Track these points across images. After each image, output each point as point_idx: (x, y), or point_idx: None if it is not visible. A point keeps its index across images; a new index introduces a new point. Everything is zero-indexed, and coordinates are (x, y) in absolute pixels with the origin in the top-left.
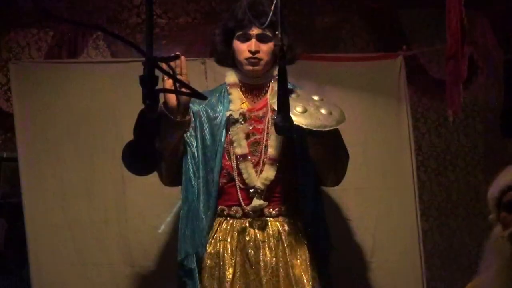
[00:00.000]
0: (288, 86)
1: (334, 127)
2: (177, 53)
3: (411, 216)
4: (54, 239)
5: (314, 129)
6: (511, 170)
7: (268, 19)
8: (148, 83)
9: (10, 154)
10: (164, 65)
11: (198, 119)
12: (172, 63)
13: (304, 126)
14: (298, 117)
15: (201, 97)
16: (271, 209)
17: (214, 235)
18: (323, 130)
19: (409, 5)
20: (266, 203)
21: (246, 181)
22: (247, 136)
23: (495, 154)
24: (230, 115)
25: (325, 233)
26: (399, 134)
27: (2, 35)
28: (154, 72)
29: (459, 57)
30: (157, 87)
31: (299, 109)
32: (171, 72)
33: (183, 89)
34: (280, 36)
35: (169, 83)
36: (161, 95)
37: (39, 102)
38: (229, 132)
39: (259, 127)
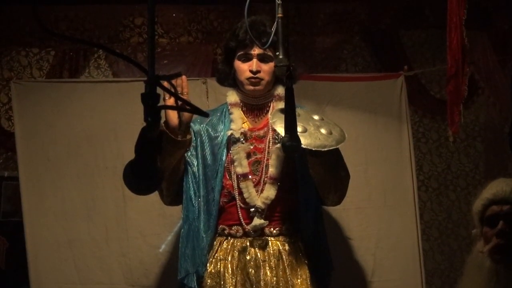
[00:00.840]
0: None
1: (334, 147)
2: (179, 71)
3: (412, 236)
4: (54, 257)
5: (313, 149)
6: (495, 184)
7: (270, 40)
8: (150, 101)
9: (11, 173)
10: (165, 84)
11: (199, 138)
12: (173, 82)
13: (304, 146)
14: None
15: (203, 113)
16: (272, 229)
17: (214, 255)
18: (323, 150)
19: (410, 26)
20: (266, 222)
21: (247, 200)
22: (248, 156)
23: (496, 174)
24: (231, 134)
25: (325, 253)
26: (400, 154)
27: (3, 54)
28: (156, 89)
29: (459, 77)
30: (159, 105)
31: (299, 128)
32: (172, 90)
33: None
34: (287, 55)
35: (170, 101)
36: (163, 115)
37: (41, 121)
38: (230, 152)
39: (260, 146)
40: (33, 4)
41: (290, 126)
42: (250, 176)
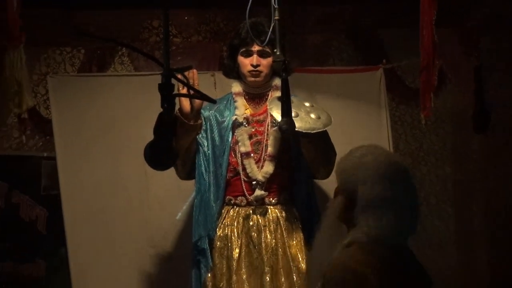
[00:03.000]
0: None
1: (322, 130)
2: (190, 65)
3: None
4: (87, 224)
5: (304, 131)
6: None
7: (267, 38)
8: (166, 90)
9: (50, 154)
10: (179, 76)
11: (208, 123)
12: (186, 74)
13: (296, 129)
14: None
15: (211, 100)
16: (271, 198)
17: (223, 221)
18: (312, 132)
19: (388, 25)
20: (266, 193)
21: (249, 174)
22: (250, 137)
23: (461, 151)
24: (236, 119)
25: (316, 219)
26: (380, 135)
27: (41, 53)
28: (171, 81)
29: (430, 69)
30: (174, 93)
31: (292, 114)
32: (185, 81)
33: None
34: (283, 52)
35: (183, 91)
36: (177, 103)
37: (73, 110)
38: (235, 134)
39: (260, 129)
40: (68, 10)
41: (286, 111)
42: (252, 154)
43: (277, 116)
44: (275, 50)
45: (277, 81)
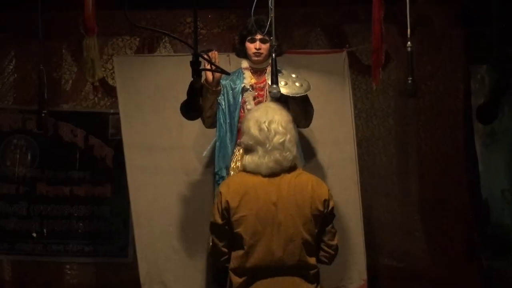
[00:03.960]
0: (277, 68)
1: (304, 94)
2: (212, 49)
3: (349, 141)
4: (141, 159)
5: (290, 95)
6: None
7: (266, 29)
8: (195, 65)
9: (115, 111)
10: (205, 56)
11: (225, 89)
12: (209, 54)
13: (285, 93)
14: (282, 88)
15: (226, 73)
16: None
17: (235, 157)
18: (296, 95)
19: (350, 21)
20: None
21: None
22: (254, 98)
23: (400, 110)
24: (244, 86)
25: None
26: (343, 98)
27: (108, 40)
28: (199, 59)
29: (379, 51)
30: (200, 68)
31: (282, 83)
32: (209, 59)
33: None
34: (273, 40)
35: (207, 67)
36: (203, 75)
37: (131, 79)
38: (243, 96)
39: (261, 93)
40: (124, 11)
41: (274, 81)
42: None
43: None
44: (271, 38)
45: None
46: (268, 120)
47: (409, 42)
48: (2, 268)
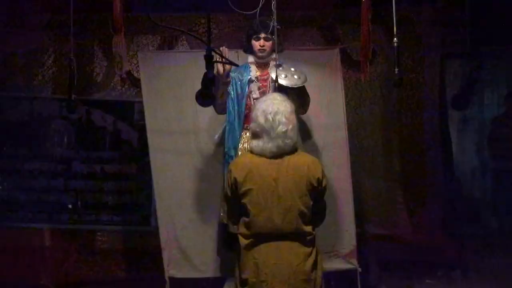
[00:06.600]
0: (279, 63)
1: (301, 85)
2: (223, 46)
3: (341, 126)
4: (163, 141)
5: (290, 86)
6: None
7: (270, 29)
8: (208, 60)
9: (139, 99)
10: (217, 51)
11: (233, 80)
12: (221, 49)
13: (285, 85)
14: (282, 80)
15: (235, 65)
16: None
17: (242, 139)
18: (295, 86)
19: (343, 22)
20: None
21: None
22: (259, 89)
23: (384, 98)
24: (250, 78)
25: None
26: (336, 88)
27: (134, 38)
28: (211, 53)
29: (367, 48)
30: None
31: (283, 75)
32: (220, 54)
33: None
34: (278, 38)
35: (219, 60)
36: (215, 67)
37: (153, 72)
38: (250, 86)
39: (264, 84)
40: (148, 15)
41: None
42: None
43: (274, 76)
44: (273, 37)
45: (274, 56)
46: (274, 111)
47: (395, 39)
48: (42, 235)
